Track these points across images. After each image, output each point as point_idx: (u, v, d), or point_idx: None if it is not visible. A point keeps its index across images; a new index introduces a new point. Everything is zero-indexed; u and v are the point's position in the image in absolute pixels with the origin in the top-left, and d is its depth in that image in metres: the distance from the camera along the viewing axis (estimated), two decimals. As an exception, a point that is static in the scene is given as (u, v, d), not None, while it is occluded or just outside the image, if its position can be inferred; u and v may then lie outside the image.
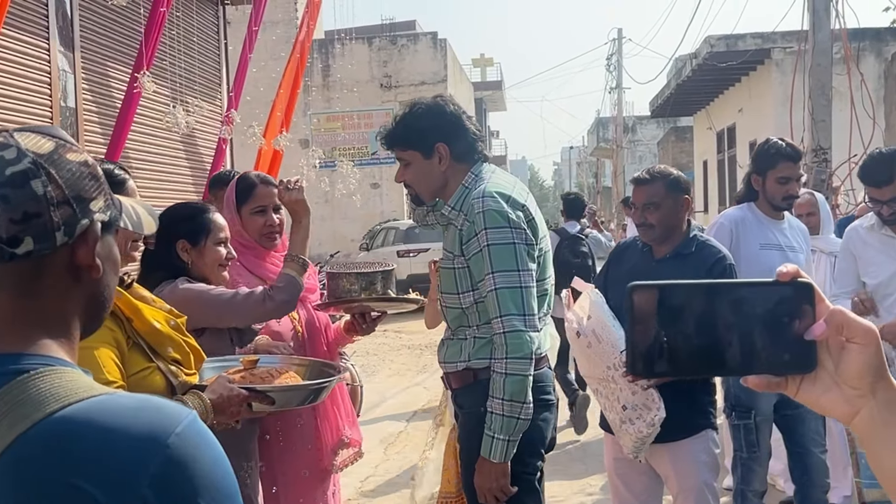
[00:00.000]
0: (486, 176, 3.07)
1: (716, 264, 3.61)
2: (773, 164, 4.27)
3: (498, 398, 2.87)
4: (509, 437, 2.89)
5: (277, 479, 3.19)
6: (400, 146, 3.14)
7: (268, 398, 2.65)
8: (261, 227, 3.34)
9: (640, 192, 3.71)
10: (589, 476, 6.66)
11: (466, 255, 2.98)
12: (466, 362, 3.03)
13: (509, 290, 2.88)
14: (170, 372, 2.49)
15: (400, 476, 6.82)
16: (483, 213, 2.92)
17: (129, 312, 2.42)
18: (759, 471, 4.24)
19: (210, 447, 1.19)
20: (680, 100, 21.63)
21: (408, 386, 10.76)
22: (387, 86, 25.09)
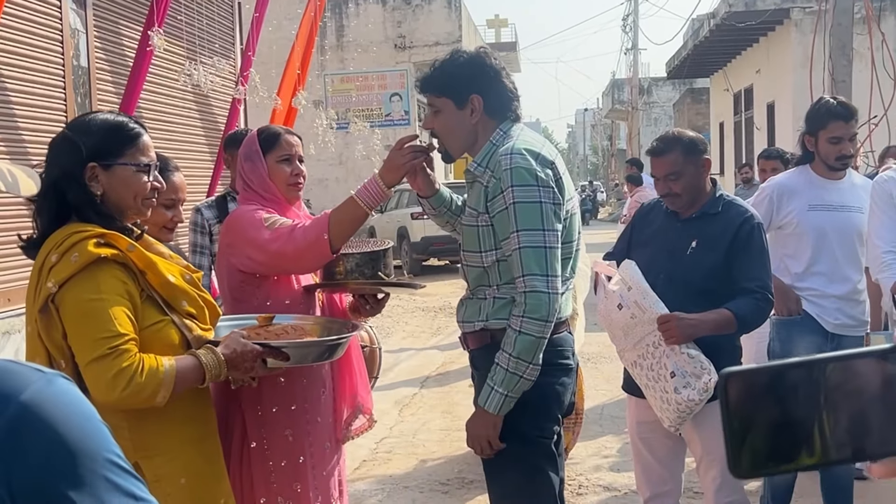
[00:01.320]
0: (514, 133, 3.01)
1: (743, 224, 3.54)
2: (824, 124, 4.20)
3: (507, 352, 2.85)
4: (508, 393, 2.86)
5: (305, 450, 3.15)
6: (434, 91, 3.07)
7: (282, 354, 2.64)
8: (287, 177, 3.23)
9: (658, 163, 3.62)
10: (605, 437, 6.68)
11: (491, 213, 2.92)
12: (484, 322, 2.99)
13: (533, 250, 2.84)
14: (184, 326, 2.50)
15: (415, 437, 6.85)
16: (511, 171, 2.86)
17: (142, 265, 2.42)
18: None
19: (67, 408, 1.16)
20: (697, 61, 21.45)
21: (422, 348, 10.78)
22: (401, 46, 24.92)
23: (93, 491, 1.13)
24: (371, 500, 5.47)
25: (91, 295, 2.33)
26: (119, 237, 2.40)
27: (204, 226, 4.64)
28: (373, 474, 5.97)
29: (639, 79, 38.58)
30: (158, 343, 2.43)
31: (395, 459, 6.28)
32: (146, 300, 2.44)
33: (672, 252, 3.59)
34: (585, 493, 5.50)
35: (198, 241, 4.65)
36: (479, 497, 5.36)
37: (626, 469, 5.79)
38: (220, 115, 10.06)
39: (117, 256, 2.38)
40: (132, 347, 2.34)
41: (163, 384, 2.34)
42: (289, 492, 3.12)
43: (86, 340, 2.33)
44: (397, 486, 5.71)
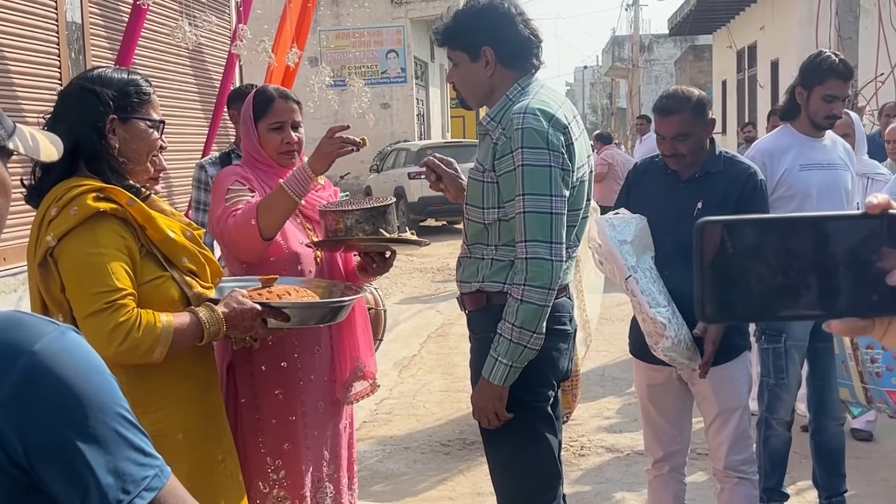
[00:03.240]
0: (531, 90, 2.96)
1: (748, 181, 3.53)
2: (822, 80, 4.10)
3: (509, 322, 2.83)
4: (512, 363, 2.85)
5: (296, 409, 3.14)
6: (449, 44, 3.06)
7: (283, 314, 2.65)
8: (277, 145, 3.20)
9: (668, 123, 3.57)
10: (606, 398, 6.72)
11: (498, 172, 2.89)
12: (480, 283, 2.97)
13: (538, 216, 2.81)
14: (184, 283, 2.51)
15: (415, 398, 6.89)
16: (522, 131, 2.82)
17: (142, 220, 2.43)
18: (787, 399, 4.20)
19: (79, 361, 1.18)
20: (700, 17, 21.31)
21: (421, 309, 10.81)
22: (397, 2, 24.69)
23: (103, 443, 1.15)
24: (371, 460, 5.52)
25: (90, 249, 2.35)
26: (119, 191, 2.40)
27: (207, 182, 4.62)
28: (373, 435, 6.01)
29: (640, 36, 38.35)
30: (158, 299, 2.44)
31: (395, 421, 6.32)
32: (146, 255, 2.45)
33: (678, 214, 3.56)
34: (588, 454, 5.54)
35: (201, 197, 4.65)
36: (481, 458, 5.38)
37: (627, 430, 5.84)
38: (215, 72, 10.01)
39: (116, 211, 2.39)
40: (130, 302, 2.36)
41: (160, 340, 2.36)
42: (278, 451, 3.12)
43: (84, 294, 2.34)
44: (398, 447, 5.76)
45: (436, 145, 20.76)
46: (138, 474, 1.17)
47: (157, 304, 2.43)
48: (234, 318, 2.52)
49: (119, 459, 1.16)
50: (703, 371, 3.44)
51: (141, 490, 1.17)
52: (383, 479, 5.23)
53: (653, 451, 3.83)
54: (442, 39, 3.09)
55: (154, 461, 1.21)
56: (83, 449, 1.14)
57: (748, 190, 3.52)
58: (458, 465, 5.43)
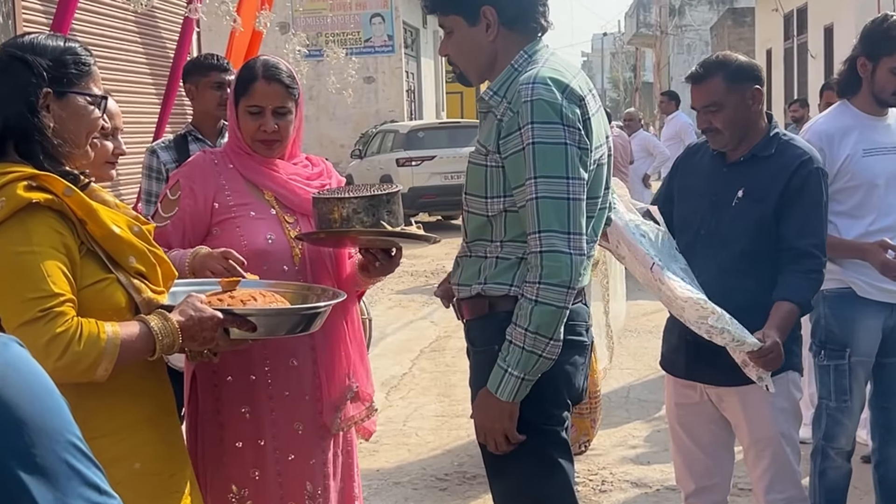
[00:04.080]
0: (540, 58, 2.95)
1: (799, 168, 3.50)
2: (892, 50, 4.04)
3: (521, 327, 2.79)
4: (525, 375, 2.81)
5: (265, 431, 3.14)
6: (441, 10, 3.05)
7: (248, 323, 2.63)
8: (254, 132, 3.21)
9: (696, 92, 3.59)
10: (632, 423, 6.72)
11: (503, 153, 2.86)
12: (481, 285, 2.95)
13: (553, 202, 2.77)
14: (132, 286, 2.49)
15: (406, 425, 6.89)
16: (531, 103, 2.80)
17: (81, 213, 2.41)
18: (849, 424, 4.17)
19: (25, 379, 1.18)
20: (740, -25, 21.36)
21: (412, 320, 10.82)
22: (384, -43, 24.78)
23: (52, 477, 1.14)
24: (355, 498, 5.51)
25: (21, 247, 2.33)
26: (54, 179, 2.39)
27: (160, 170, 4.62)
28: (356, 468, 6.00)
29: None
30: (101, 305, 2.43)
31: (382, 451, 6.31)
32: (86, 255, 2.44)
33: (715, 203, 3.57)
34: (610, 489, 5.54)
35: (152, 188, 4.63)
36: (484, 494, 5.39)
37: (657, 461, 5.83)
38: (169, 40, 10.02)
39: (52, 202, 2.37)
40: (69, 310, 2.34)
41: (105, 354, 2.34)
42: (244, 478, 3.13)
43: (14, 301, 2.33)
44: (386, 483, 5.75)
45: (429, 126, 20.79)
46: None
47: (100, 312, 2.41)
48: (192, 327, 2.51)
49: (69, 497, 1.16)
50: (762, 356, 3.30)
51: None
52: (369, 520, 5.23)
53: (685, 483, 3.83)
54: (434, 4, 3.09)
55: (110, 500, 1.20)
56: (27, 483, 1.13)
57: (797, 180, 3.49)
58: (457, 502, 5.42)
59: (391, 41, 24.94)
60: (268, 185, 3.25)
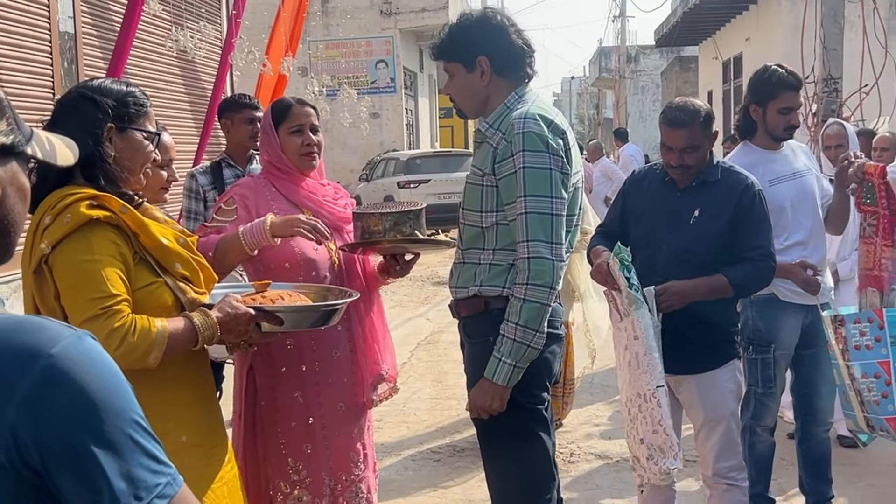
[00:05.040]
0: (529, 99, 3.03)
1: (745, 191, 3.55)
2: (775, 94, 4.08)
3: (512, 322, 2.86)
4: (516, 363, 2.87)
5: (313, 411, 3.18)
6: (445, 57, 3.11)
7: (276, 318, 2.65)
8: (298, 147, 3.26)
9: (677, 135, 3.56)
10: (595, 405, 6.72)
11: (498, 175, 2.93)
12: (478, 287, 3.00)
13: (539, 216, 2.86)
14: (178, 288, 2.50)
15: (405, 406, 6.87)
16: (523, 135, 2.88)
17: (135, 227, 2.42)
18: (772, 406, 4.21)
19: (95, 366, 1.17)
20: (686, 28, 21.41)
21: (410, 318, 10.81)
22: (387, 13, 24.73)
23: (117, 449, 1.15)
24: (363, 467, 5.49)
25: (84, 256, 2.34)
26: (112, 199, 2.40)
27: (198, 192, 4.62)
28: (364, 442, 5.99)
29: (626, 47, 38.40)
30: (152, 304, 2.44)
31: (385, 428, 6.30)
32: (139, 262, 2.45)
33: (673, 222, 3.58)
34: (577, 460, 5.53)
35: (192, 207, 4.63)
36: (471, 465, 5.39)
37: (617, 437, 5.83)
38: (207, 81, 10.00)
39: (110, 218, 2.38)
40: (124, 308, 2.35)
41: (155, 344, 2.35)
42: (298, 452, 3.17)
43: (78, 301, 2.33)
44: (389, 455, 5.74)
45: (425, 154, 20.79)
46: (151, 481, 1.17)
47: (151, 310, 2.42)
48: (228, 322, 2.52)
49: (133, 465, 1.16)
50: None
51: (153, 497, 1.17)
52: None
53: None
54: (437, 53, 3.15)
55: (167, 469, 1.20)
56: (97, 454, 1.13)
57: (745, 201, 3.54)
58: (449, 472, 5.42)
59: (393, 83, 24.91)
60: (307, 205, 3.28)
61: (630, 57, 40.18)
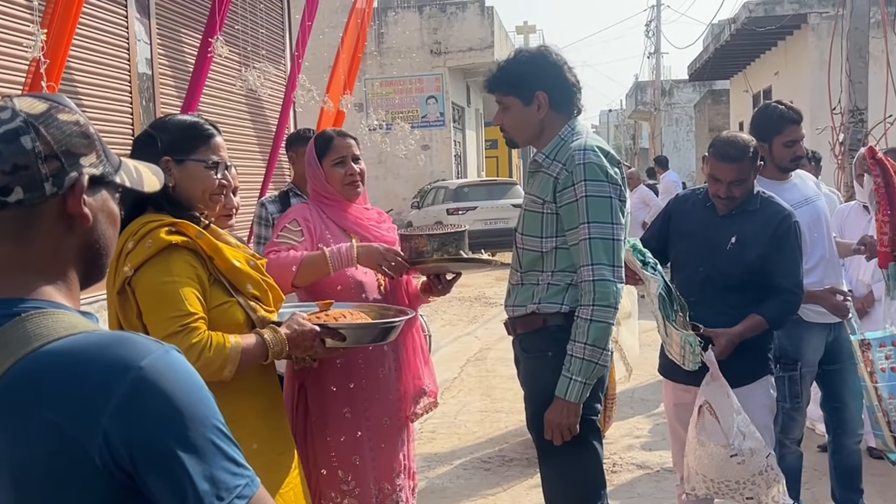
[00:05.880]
0: (582, 132, 3.04)
1: (782, 222, 3.54)
2: (779, 129, 4.05)
3: (580, 342, 2.86)
4: (586, 380, 2.88)
5: (362, 425, 3.18)
6: (501, 91, 3.10)
7: (339, 334, 2.68)
8: (342, 178, 3.26)
9: (727, 169, 3.54)
10: (636, 418, 6.65)
11: (559, 203, 2.94)
12: (536, 305, 3.00)
13: (602, 241, 2.87)
14: (249, 307, 2.53)
15: (457, 418, 6.86)
16: (584, 166, 2.90)
17: (209, 251, 2.46)
18: (800, 420, 4.16)
19: (181, 377, 1.20)
20: (718, 63, 21.30)
21: (459, 335, 10.78)
22: (436, 52, 24.88)
23: (201, 453, 1.16)
24: (417, 476, 5.47)
25: (164, 277, 2.38)
26: (189, 225, 2.44)
27: (268, 219, 4.66)
28: (418, 452, 5.95)
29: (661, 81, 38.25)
30: (225, 322, 2.47)
31: (438, 439, 6.29)
32: (214, 283, 2.48)
33: (711, 247, 3.57)
34: (619, 470, 5.48)
35: (262, 232, 4.68)
36: (520, 475, 5.37)
37: (657, 448, 5.77)
38: (272, 117, 10.12)
39: (187, 243, 2.42)
40: (201, 325, 2.38)
41: (229, 359, 2.38)
42: (348, 464, 3.16)
43: (159, 319, 2.37)
44: (441, 464, 5.73)
45: (472, 183, 20.83)
46: (231, 483, 1.19)
47: (224, 327, 2.45)
48: (296, 338, 2.55)
49: (215, 468, 1.17)
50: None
51: (233, 497, 1.18)
52: (428, 494, 5.20)
53: (681, 467, 3.78)
54: (493, 86, 3.13)
55: (246, 471, 1.22)
56: (183, 458, 1.15)
57: (781, 231, 3.52)
58: (499, 480, 5.39)
59: (442, 117, 25.01)
60: (355, 230, 3.29)
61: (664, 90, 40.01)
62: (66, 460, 1.13)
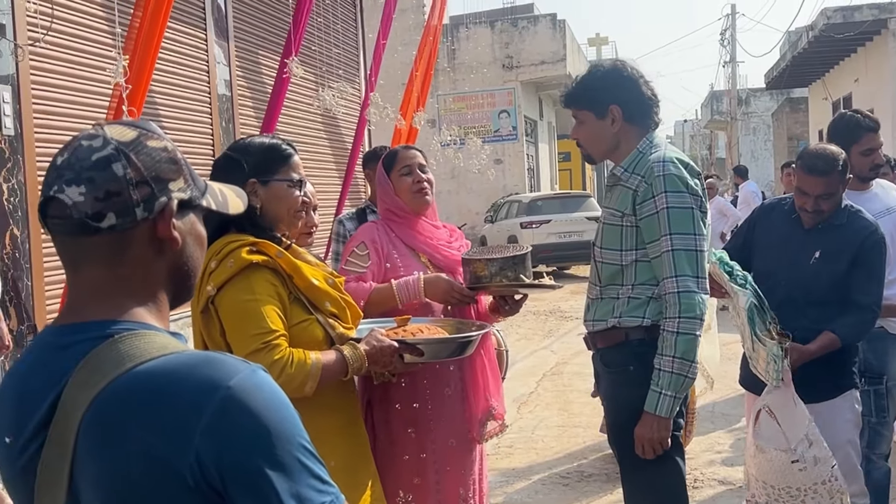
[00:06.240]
0: (660, 144, 3.03)
1: (868, 238, 3.46)
2: (857, 138, 3.97)
3: (668, 356, 2.83)
4: (675, 394, 2.85)
5: (426, 446, 3.15)
6: (576, 105, 3.11)
7: (417, 350, 2.69)
8: (410, 186, 3.26)
9: (816, 182, 3.47)
10: (717, 433, 6.53)
11: (639, 216, 2.93)
12: (617, 319, 2.97)
13: (685, 253, 2.85)
14: (328, 324, 2.56)
15: (534, 433, 6.82)
16: (664, 177, 2.88)
17: (289, 270, 2.50)
18: (887, 434, 4.06)
19: (268, 396, 1.21)
20: (795, 71, 20.93)
21: (535, 350, 10.73)
22: (508, 66, 24.88)
23: (287, 470, 1.18)
24: (496, 491, 5.47)
25: (246, 296, 2.42)
26: (269, 245, 2.49)
27: (345, 235, 4.71)
28: (496, 467, 5.96)
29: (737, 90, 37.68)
30: (305, 339, 2.50)
31: (516, 454, 6.27)
32: (294, 301, 2.52)
33: (794, 260, 3.51)
34: (701, 486, 5.39)
35: (339, 249, 4.73)
36: (598, 490, 5.32)
37: (738, 463, 5.65)
38: (347, 136, 10.24)
39: (267, 262, 2.47)
40: (283, 342, 2.42)
41: (310, 375, 2.41)
42: (409, 485, 3.13)
43: (242, 336, 2.41)
44: (519, 479, 5.70)
45: (545, 196, 20.74)
46: (317, 500, 1.20)
47: (304, 344, 2.49)
48: (375, 354, 2.57)
49: (301, 486, 1.19)
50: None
51: None
52: (507, 509, 5.18)
53: None
54: (568, 101, 3.14)
55: (331, 488, 1.23)
56: (271, 476, 1.17)
57: (866, 247, 3.46)
58: (577, 496, 5.34)
59: (515, 131, 24.99)
60: (423, 249, 3.29)
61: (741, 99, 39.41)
62: (158, 479, 1.16)
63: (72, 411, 1.20)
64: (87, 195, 1.25)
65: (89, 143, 1.28)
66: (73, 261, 1.30)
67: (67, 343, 1.26)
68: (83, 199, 1.25)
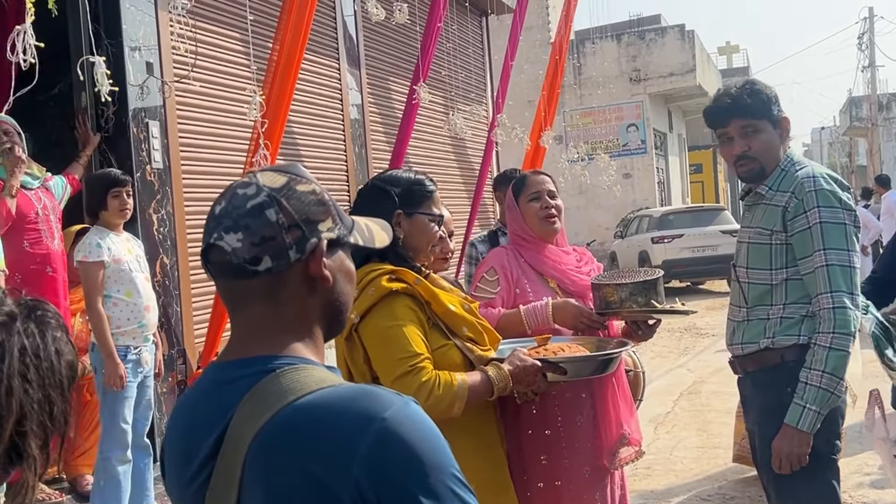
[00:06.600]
0: (802, 160, 3.02)
1: None
2: None
3: (817, 370, 2.78)
4: (820, 409, 2.79)
5: (561, 475, 3.09)
6: (751, 115, 3.02)
7: (560, 368, 2.71)
8: (538, 211, 3.27)
9: None
10: (865, 454, 6.28)
11: (790, 232, 2.90)
12: (771, 340, 2.92)
13: (840, 268, 2.81)
14: (466, 348, 2.61)
15: (672, 454, 6.70)
16: (816, 192, 2.87)
17: (427, 296, 2.57)
18: None
19: (421, 427, 1.25)
20: (941, 73, 19.95)
21: (671, 368, 10.54)
22: (636, 79, 24.62)
23: (441, 499, 1.23)
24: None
25: (389, 322, 2.49)
26: (407, 272, 2.56)
27: (477, 258, 4.78)
28: (634, 489, 5.87)
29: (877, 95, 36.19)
30: (444, 363, 2.55)
31: (654, 476, 6.17)
32: (432, 327, 2.58)
33: None
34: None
35: (471, 272, 4.80)
36: (741, 513, 5.19)
37: (889, 486, 5.42)
38: (475, 157, 10.34)
39: (406, 289, 2.54)
40: (428, 365, 2.47)
41: (458, 396, 2.45)
42: None
43: (388, 361, 2.48)
44: (658, 501, 5.61)
45: (677, 210, 20.36)
46: None
47: (443, 369, 2.53)
48: (518, 374, 2.60)
49: None
50: None
51: None
52: (646, 532, 5.11)
53: None
54: (746, 111, 3.03)
55: None
56: (424, 503, 1.21)
57: None
58: (719, 519, 5.23)
59: (644, 144, 24.68)
60: (552, 275, 3.28)
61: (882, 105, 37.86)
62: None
63: (238, 442, 1.28)
64: (245, 241, 1.34)
65: (244, 192, 1.37)
66: (235, 301, 1.39)
67: (233, 378, 1.34)
68: (241, 244, 1.34)
